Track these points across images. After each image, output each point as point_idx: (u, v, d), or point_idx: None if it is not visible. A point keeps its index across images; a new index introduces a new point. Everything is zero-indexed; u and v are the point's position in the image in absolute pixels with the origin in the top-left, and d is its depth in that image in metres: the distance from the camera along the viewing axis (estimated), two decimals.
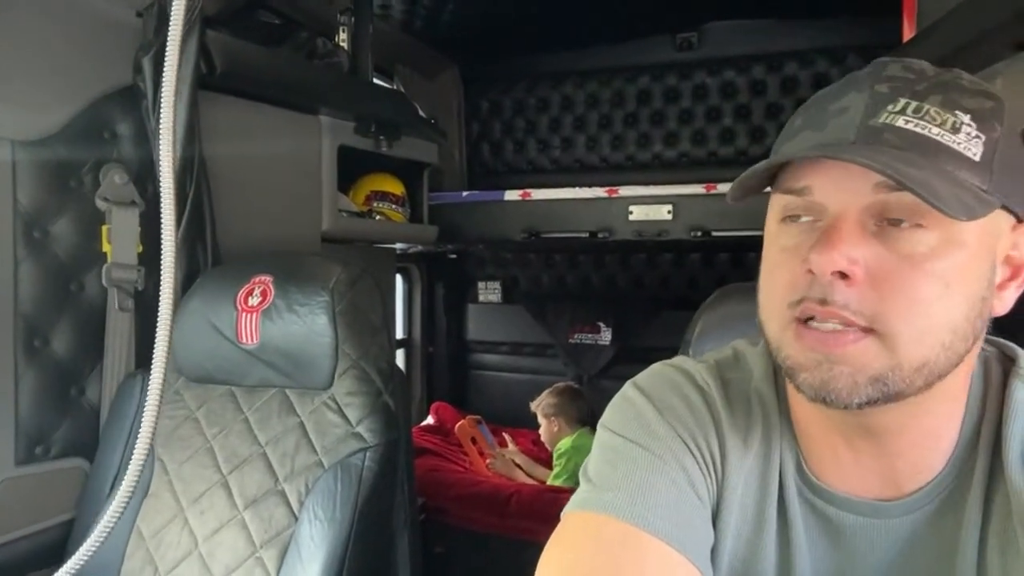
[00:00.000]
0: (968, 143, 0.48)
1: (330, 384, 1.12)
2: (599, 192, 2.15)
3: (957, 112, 0.49)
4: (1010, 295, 0.54)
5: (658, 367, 0.66)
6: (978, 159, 0.48)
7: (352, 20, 1.89)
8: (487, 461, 2.41)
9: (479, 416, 2.60)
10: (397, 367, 1.21)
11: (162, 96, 0.81)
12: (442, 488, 2.11)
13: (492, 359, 3.02)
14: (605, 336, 2.77)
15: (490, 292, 2.99)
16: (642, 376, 0.65)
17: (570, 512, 0.58)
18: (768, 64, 2.51)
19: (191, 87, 1.26)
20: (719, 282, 1.51)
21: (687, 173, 2.54)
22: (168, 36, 0.81)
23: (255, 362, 1.15)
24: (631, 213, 2.10)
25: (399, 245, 2.35)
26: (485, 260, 3.00)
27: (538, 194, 2.22)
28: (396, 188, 2.04)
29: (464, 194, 2.37)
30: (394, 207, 2.03)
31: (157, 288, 0.86)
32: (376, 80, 2.03)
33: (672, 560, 0.53)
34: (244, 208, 1.49)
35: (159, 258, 0.85)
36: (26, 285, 1.14)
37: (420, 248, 2.53)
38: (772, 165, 0.52)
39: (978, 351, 0.55)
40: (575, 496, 0.59)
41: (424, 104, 2.48)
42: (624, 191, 2.13)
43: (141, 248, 1.29)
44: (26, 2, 1.11)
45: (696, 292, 2.67)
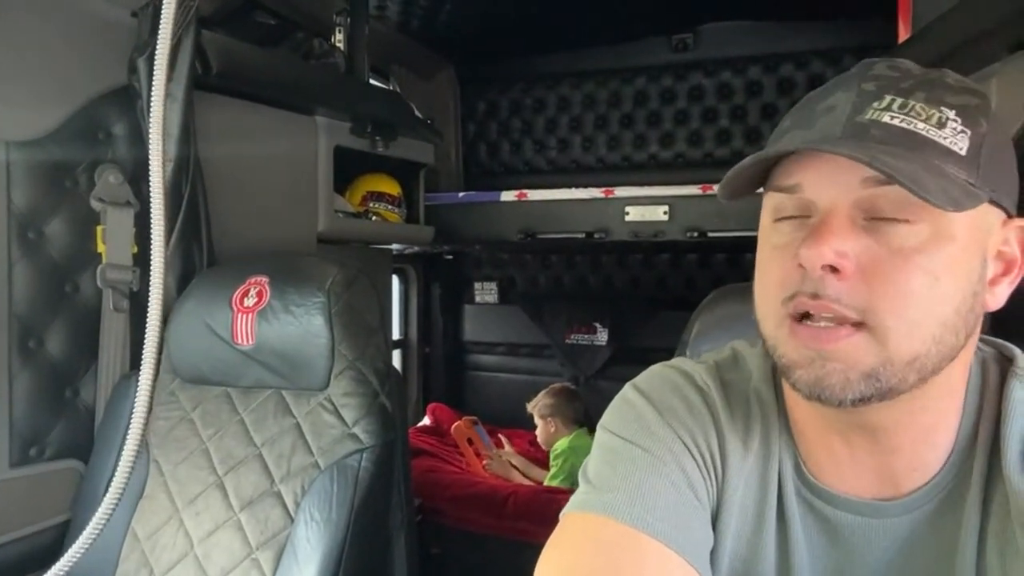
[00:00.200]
0: (954, 138, 0.49)
1: (326, 385, 1.12)
2: (595, 193, 2.15)
3: (942, 108, 0.49)
4: (1003, 290, 0.54)
5: (657, 368, 0.66)
6: (964, 153, 0.49)
7: (348, 20, 1.89)
8: (484, 462, 2.41)
9: (475, 417, 2.60)
10: (394, 368, 1.20)
11: (153, 94, 0.81)
12: (439, 489, 2.10)
13: (489, 360, 3.01)
14: (602, 337, 2.77)
15: (486, 293, 2.98)
16: (642, 377, 0.65)
17: (569, 513, 0.58)
18: (764, 65, 2.52)
19: (186, 87, 1.26)
20: (716, 283, 1.51)
21: (683, 174, 2.54)
22: (159, 36, 0.81)
23: (251, 363, 1.15)
24: (627, 214, 2.10)
25: (395, 246, 2.35)
26: (481, 261, 3.00)
27: (534, 195, 2.22)
28: (392, 189, 2.04)
29: (460, 195, 2.37)
30: (390, 208, 2.02)
31: None
32: (372, 81, 2.03)
33: (671, 562, 0.53)
34: (240, 208, 1.49)
35: None
36: (20, 286, 1.13)
37: (416, 249, 2.52)
38: (758, 161, 0.52)
39: (973, 348, 0.55)
40: (574, 497, 0.59)
41: (420, 105, 2.47)
42: (620, 192, 2.13)
43: (136, 249, 1.28)
44: (21, 2, 1.11)
45: (693, 293, 2.67)
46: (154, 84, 0.83)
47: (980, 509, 0.54)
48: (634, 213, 2.10)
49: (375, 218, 1.98)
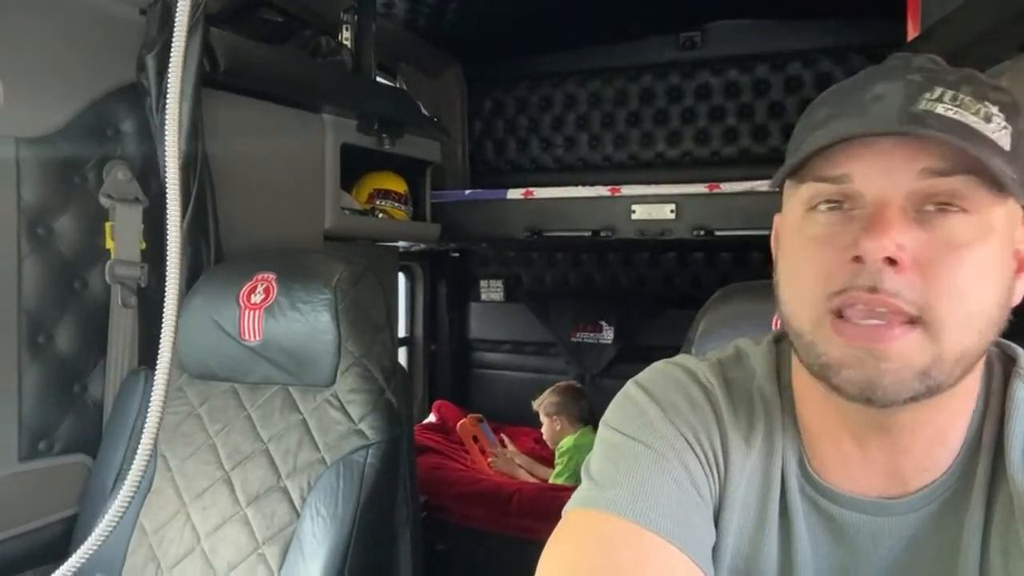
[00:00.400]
0: (999, 133, 0.48)
1: (332, 381, 1.12)
2: (602, 191, 2.15)
3: (987, 103, 0.49)
4: (1020, 287, 0.54)
5: (661, 365, 0.66)
6: (1008, 148, 0.49)
7: (355, 18, 1.89)
8: (489, 459, 2.41)
9: (481, 414, 2.60)
10: (399, 365, 1.21)
11: (168, 92, 0.82)
12: (444, 486, 2.11)
13: (494, 357, 3.02)
14: (607, 335, 2.77)
15: (492, 290, 2.99)
16: (644, 374, 0.65)
17: (571, 510, 0.58)
18: (772, 64, 2.50)
19: (194, 85, 1.26)
20: (722, 281, 1.50)
21: (690, 172, 2.53)
22: (174, 33, 0.81)
23: (258, 359, 1.16)
24: (634, 212, 2.10)
25: (402, 243, 2.35)
26: (488, 258, 3.00)
27: (541, 193, 2.22)
28: (399, 186, 2.04)
29: (467, 192, 2.37)
30: (397, 205, 2.03)
31: (160, 285, 0.86)
32: (379, 78, 2.03)
33: (673, 559, 0.53)
34: (247, 205, 1.49)
35: (162, 255, 0.85)
36: (30, 281, 1.14)
37: (423, 246, 2.53)
38: (816, 148, 0.50)
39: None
40: (576, 493, 0.59)
41: (427, 102, 2.48)
42: (627, 190, 2.13)
43: (144, 245, 1.29)
44: (31, 1, 1.12)
45: (699, 291, 2.67)
46: (169, 80, 0.83)
47: (984, 508, 0.54)
48: (640, 211, 2.09)
49: (382, 215, 1.99)
